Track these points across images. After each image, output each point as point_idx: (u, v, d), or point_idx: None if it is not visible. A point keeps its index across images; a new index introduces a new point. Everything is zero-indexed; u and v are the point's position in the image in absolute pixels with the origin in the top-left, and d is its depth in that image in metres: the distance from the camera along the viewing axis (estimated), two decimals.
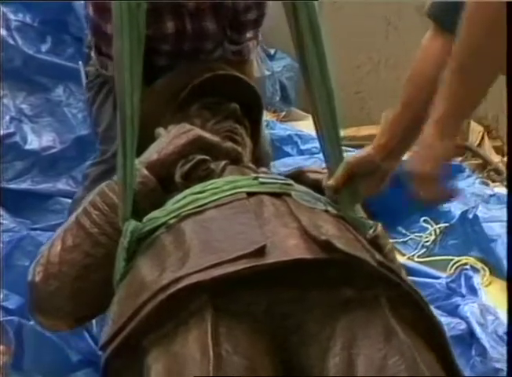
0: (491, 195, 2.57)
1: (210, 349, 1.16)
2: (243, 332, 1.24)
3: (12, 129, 2.59)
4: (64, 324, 1.83)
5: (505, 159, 3.26)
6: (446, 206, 2.50)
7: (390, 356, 1.18)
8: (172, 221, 1.51)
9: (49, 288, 1.73)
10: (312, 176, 1.82)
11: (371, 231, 1.59)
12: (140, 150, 1.74)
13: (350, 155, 1.79)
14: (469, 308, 2.11)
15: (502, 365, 1.92)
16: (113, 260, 1.57)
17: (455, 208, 2.48)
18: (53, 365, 1.98)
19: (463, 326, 2.04)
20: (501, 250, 2.24)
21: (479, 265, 2.28)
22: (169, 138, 1.88)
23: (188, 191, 1.63)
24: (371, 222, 1.65)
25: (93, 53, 2.27)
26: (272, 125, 3.05)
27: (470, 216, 2.39)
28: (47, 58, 2.72)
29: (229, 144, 1.95)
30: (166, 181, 1.77)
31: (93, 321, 2.02)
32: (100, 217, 1.73)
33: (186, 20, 2.13)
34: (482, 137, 3.44)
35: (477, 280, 2.24)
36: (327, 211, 1.56)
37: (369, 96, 3.49)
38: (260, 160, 2.08)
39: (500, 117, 3.06)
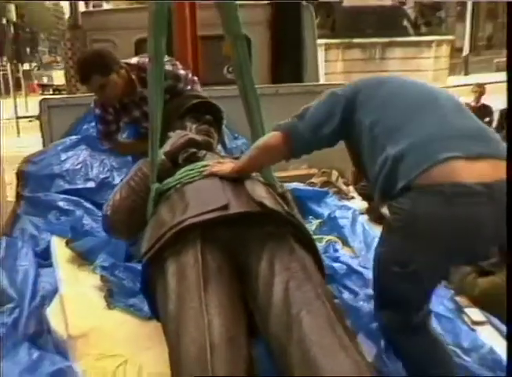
0: (342, 206, 3.35)
1: (199, 259, 1.53)
2: (218, 251, 1.60)
3: (108, 175, 3.42)
4: (124, 237, 2.37)
5: (350, 187, 3.87)
6: (320, 211, 3.18)
7: (293, 262, 1.61)
8: (178, 186, 1.85)
9: (114, 218, 2.24)
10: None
11: (280, 189, 2.08)
12: (161, 143, 2.12)
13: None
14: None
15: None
16: (146, 205, 1.97)
17: (325, 211, 3.20)
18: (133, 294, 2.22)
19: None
20: (347, 232, 2.93)
21: (338, 241, 2.94)
22: (176, 139, 2.30)
23: (185, 168, 1.97)
24: (280, 184, 2.16)
25: (98, 141, 3.00)
26: None
27: (332, 216, 3.14)
28: None
29: (206, 138, 2.44)
30: (174, 162, 2.17)
31: None
32: (140, 181, 2.16)
33: (143, 106, 2.75)
34: (337, 177, 4.05)
35: (338, 246, 2.87)
36: (259, 180, 1.96)
37: None
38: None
39: (348, 167, 3.31)
